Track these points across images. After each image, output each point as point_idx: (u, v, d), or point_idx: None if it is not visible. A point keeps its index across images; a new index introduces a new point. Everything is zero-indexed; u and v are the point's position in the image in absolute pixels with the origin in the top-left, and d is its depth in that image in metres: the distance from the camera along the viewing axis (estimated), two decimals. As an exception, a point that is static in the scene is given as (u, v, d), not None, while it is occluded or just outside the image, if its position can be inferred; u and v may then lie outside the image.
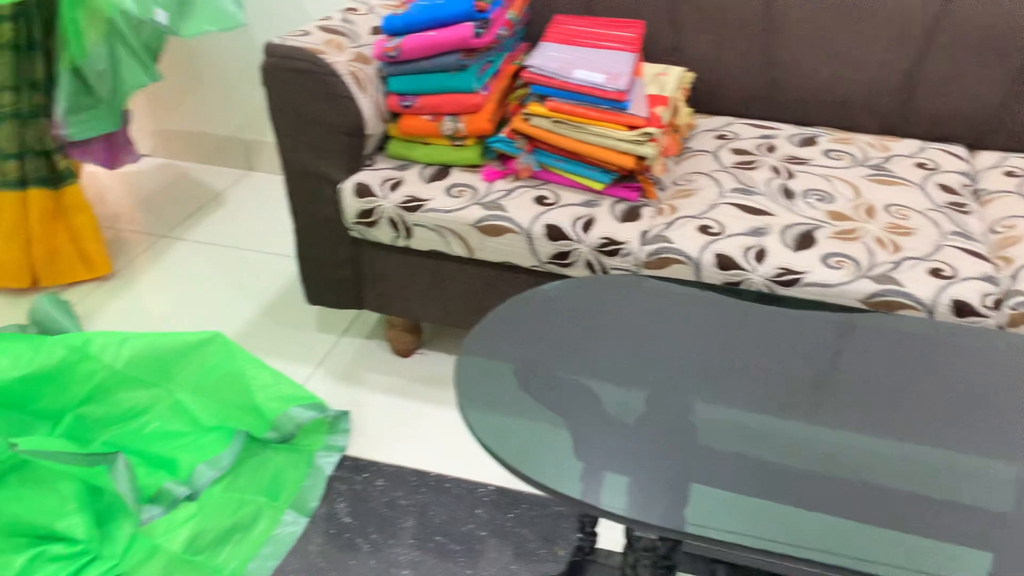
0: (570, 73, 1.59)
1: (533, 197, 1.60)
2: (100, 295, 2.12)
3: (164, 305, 2.09)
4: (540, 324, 1.25)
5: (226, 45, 2.51)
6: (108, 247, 2.30)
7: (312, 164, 1.67)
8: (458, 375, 1.12)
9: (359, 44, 1.70)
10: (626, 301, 1.28)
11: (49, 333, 1.89)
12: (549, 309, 1.28)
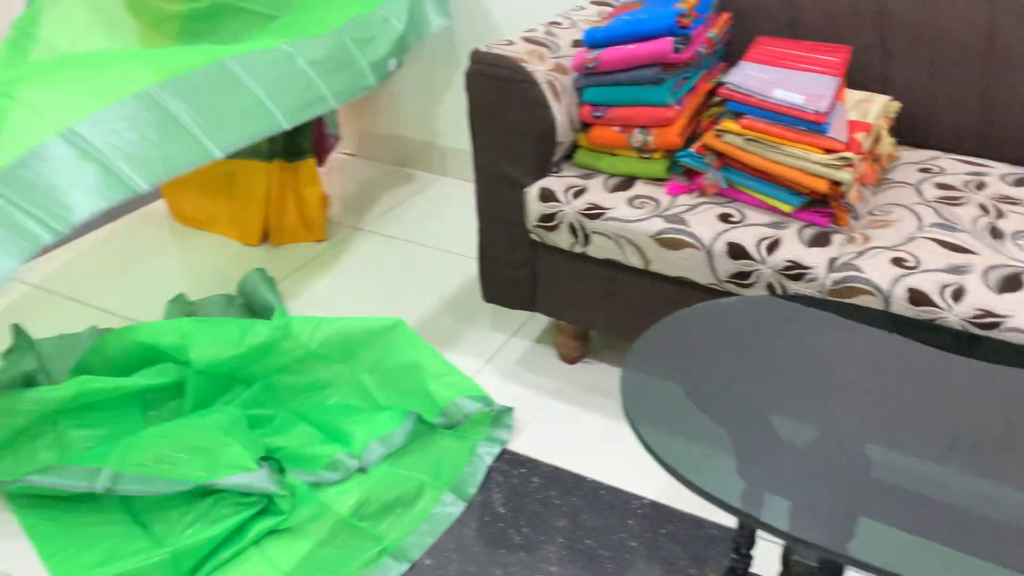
0: (768, 92, 1.57)
1: (717, 214, 1.59)
2: (299, 276, 2.28)
3: (354, 289, 2.23)
4: (710, 338, 1.24)
5: (430, 56, 2.65)
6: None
7: (502, 166, 1.73)
8: (624, 382, 1.13)
9: (559, 55, 1.75)
10: (805, 324, 1.25)
11: (253, 304, 2.06)
12: (721, 323, 1.26)
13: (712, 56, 1.86)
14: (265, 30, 2.19)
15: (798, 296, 1.39)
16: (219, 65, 1.78)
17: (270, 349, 1.78)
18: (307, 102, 1.93)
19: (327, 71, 1.99)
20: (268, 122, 1.83)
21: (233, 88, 1.79)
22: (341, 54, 2.03)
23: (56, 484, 1.53)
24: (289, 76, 1.90)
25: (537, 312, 1.86)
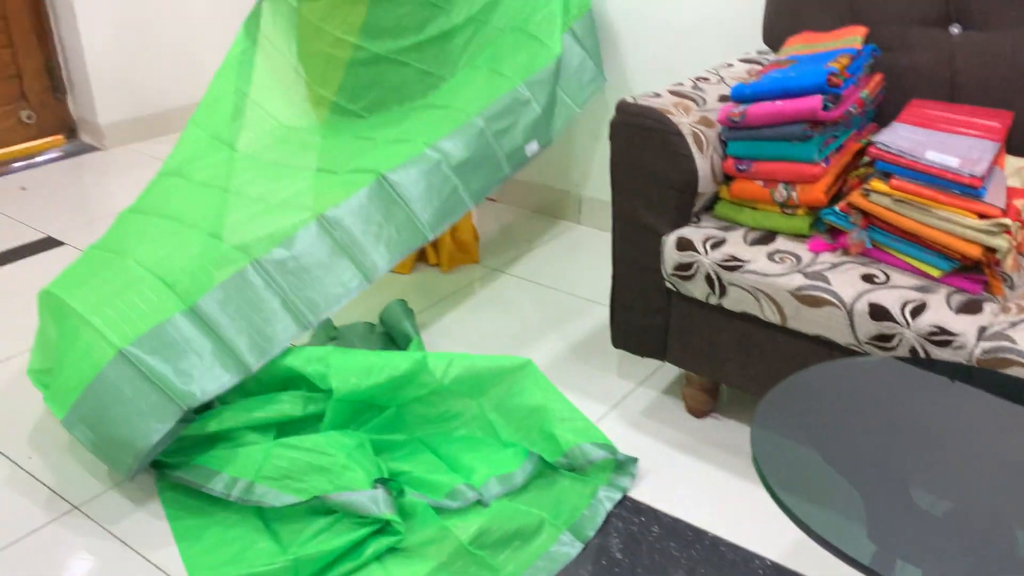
0: (921, 154, 1.53)
1: (860, 274, 1.56)
2: (436, 309, 2.37)
3: (486, 326, 2.29)
4: (843, 396, 1.21)
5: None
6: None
7: (641, 215, 1.76)
8: (755, 437, 1.12)
9: (705, 109, 1.78)
10: (948, 389, 1.20)
11: (393, 333, 2.16)
12: (853, 382, 1.24)
13: (863, 116, 1.83)
14: (416, 99, 2.33)
15: (940, 361, 1.34)
16: (378, 183, 1.98)
17: (407, 381, 1.85)
18: (449, 208, 2.08)
19: (468, 172, 2.12)
20: (417, 237, 2.01)
21: (389, 205, 1.98)
22: (482, 150, 2.15)
23: (198, 486, 1.64)
24: (436, 185, 2.06)
25: (667, 362, 1.86)
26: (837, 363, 1.27)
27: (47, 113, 3.52)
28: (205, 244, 1.87)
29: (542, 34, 2.28)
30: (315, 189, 2.02)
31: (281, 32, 2.44)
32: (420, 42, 2.31)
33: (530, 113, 2.23)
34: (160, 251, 1.86)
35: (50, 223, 2.88)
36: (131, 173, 3.32)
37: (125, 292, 1.75)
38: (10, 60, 3.36)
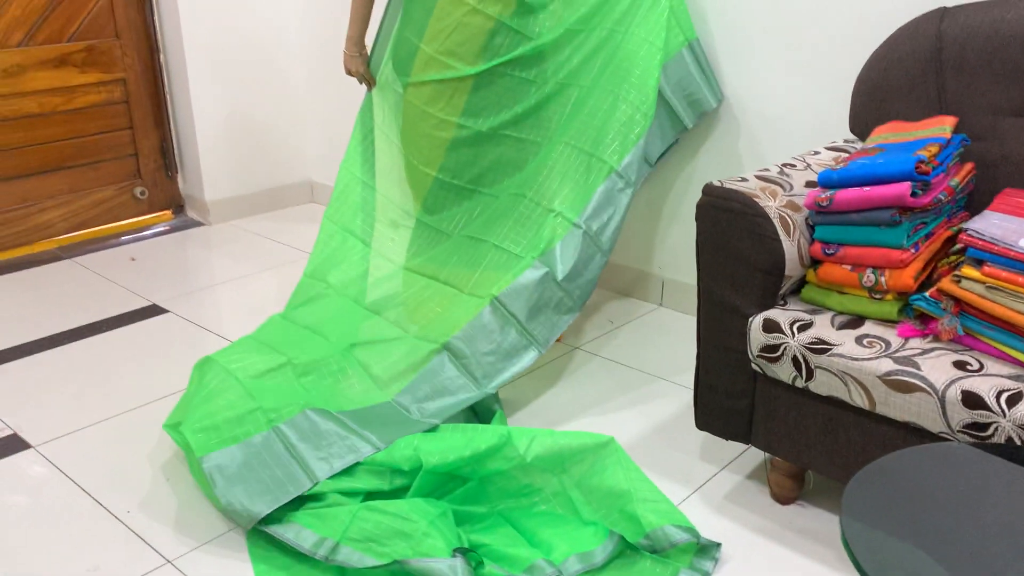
0: (1015, 241, 1.53)
1: (952, 361, 1.54)
2: (518, 384, 2.40)
3: (567, 403, 2.31)
4: (933, 482, 1.19)
5: (655, 191, 2.78)
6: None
7: (727, 296, 1.78)
8: (846, 526, 1.11)
9: (791, 193, 1.81)
10: (1051, 478, 1.17)
11: (477, 407, 2.20)
12: (945, 467, 1.22)
13: (953, 205, 1.83)
14: (516, 170, 2.44)
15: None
16: (492, 306, 2.20)
17: (491, 455, 1.88)
18: (555, 321, 2.26)
19: (573, 279, 2.26)
20: (526, 357, 2.20)
21: (504, 324, 2.20)
22: (585, 255, 2.27)
23: (289, 541, 1.69)
24: (544, 298, 2.23)
25: (752, 445, 1.85)
26: (926, 447, 1.25)
27: (158, 190, 3.77)
28: (345, 367, 2.19)
29: (636, 98, 2.31)
30: (441, 316, 2.28)
31: (389, 119, 2.60)
32: (517, 115, 2.43)
33: (625, 198, 2.30)
34: (306, 355, 2.21)
35: (155, 292, 3.06)
36: (231, 247, 3.50)
37: (276, 379, 2.10)
38: (129, 141, 3.62)
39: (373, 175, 2.65)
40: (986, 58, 1.89)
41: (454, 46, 2.37)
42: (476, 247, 2.40)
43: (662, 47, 2.33)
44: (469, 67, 2.38)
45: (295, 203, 4.04)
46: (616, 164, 2.28)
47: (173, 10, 3.46)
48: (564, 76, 2.43)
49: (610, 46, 2.38)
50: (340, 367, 2.19)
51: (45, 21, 3.29)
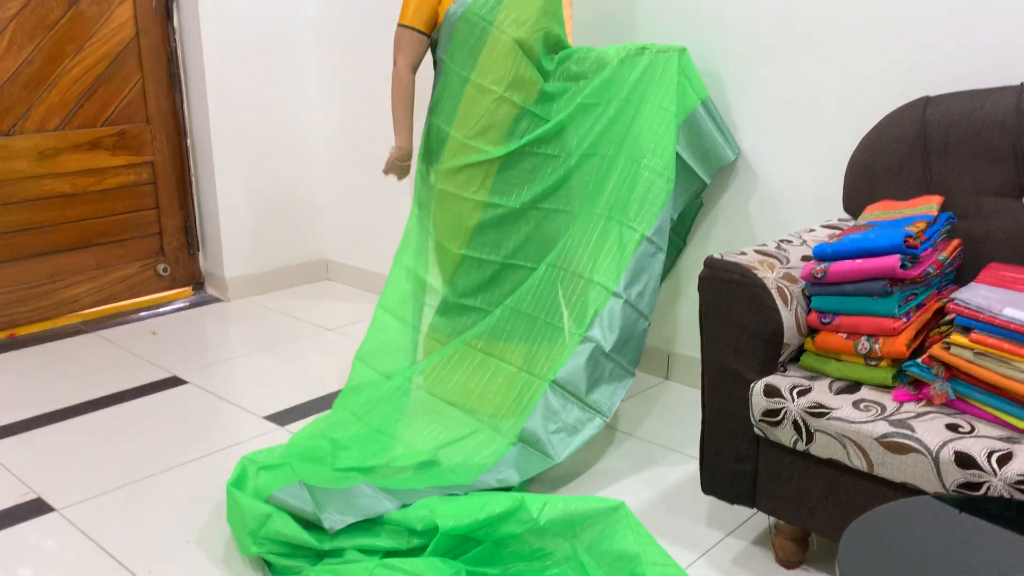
0: (999, 310, 1.62)
1: (945, 423, 1.61)
2: (527, 456, 2.47)
3: (578, 471, 2.37)
4: (925, 536, 1.25)
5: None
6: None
7: (729, 362, 1.87)
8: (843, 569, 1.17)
9: (788, 266, 1.91)
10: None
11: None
12: (934, 521, 1.28)
13: (942, 278, 1.94)
14: (552, 240, 2.57)
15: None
16: (548, 393, 2.32)
17: (505, 518, 1.94)
18: (613, 389, 2.37)
19: (620, 347, 2.37)
20: (592, 427, 2.33)
21: (566, 403, 2.33)
22: (628, 323, 2.36)
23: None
24: (598, 370, 2.35)
25: (756, 508, 1.90)
26: (911, 500, 1.32)
27: (180, 267, 3.90)
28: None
29: (656, 164, 2.43)
30: (507, 403, 2.44)
31: (427, 208, 2.74)
32: (546, 188, 2.58)
33: (658, 263, 2.41)
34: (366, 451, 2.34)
35: (176, 364, 3.15)
36: (249, 322, 3.61)
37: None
38: (155, 220, 3.78)
39: (425, 271, 2.79)
40: (968, 142, 2.02)
41: (483, 131, 2.54)
42: (525, 321, 2.51)
43: (675, 112, 2.46)
44: (497, 149, 2.54)
45: (312, 280, 4.16)
46: (647, 231, 2.39)
47: (202, 97, 3.66)
48: (587, 148, 2.56)
49: (626, 115, 2.51)
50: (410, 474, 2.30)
51: (81, 107, 3.49)
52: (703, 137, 2.56)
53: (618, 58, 2.53)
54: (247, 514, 1.93)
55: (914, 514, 1.31)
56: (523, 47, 2.51)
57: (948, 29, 2.19)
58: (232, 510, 2.00)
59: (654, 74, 2.50)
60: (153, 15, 3.61)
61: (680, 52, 2.49)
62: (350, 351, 3.28)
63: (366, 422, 2.46)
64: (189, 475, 2.37)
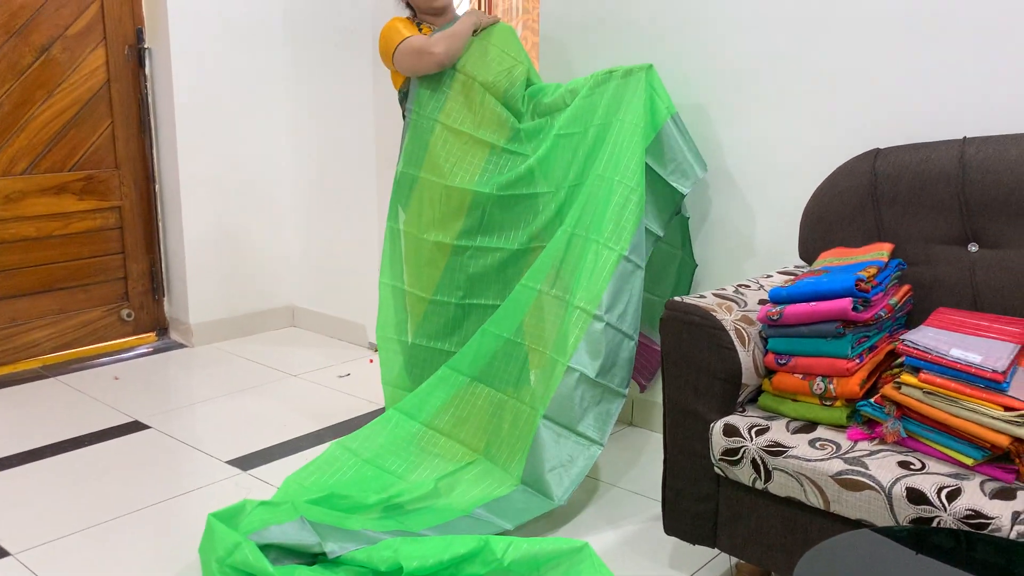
0: (946, 351, 1.68)
1: (897, 461, 1.66)
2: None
3: (542, 514, 2.38)
4: (873, 568, 1.29)
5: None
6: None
7: (690, 403, 1.91)
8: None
9: (745, 309, 1.97)
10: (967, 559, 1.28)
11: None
12: (881, 553, 1.32)
13: (893, 322, 2.00)
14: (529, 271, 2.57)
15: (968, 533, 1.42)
16: (540, 430, 2.33)
17: (469, 560, 1.94)
18: (605, 412, 2.39)
19: (607, 371, 2.38)
20: (587, 456, 2.37)
21: (560, 439, 2.35)
22: (612, 345, 2.38)
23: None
24: (584, 404, 2.36)
25: (717, 548, 1.93)
26: (863, 532, 1.36)
27: (144, 313, 3.88)
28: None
29: (629, 180, 2.43)
30: (504, 442, 2.48)
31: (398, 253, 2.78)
32: (539, 226, 2.61)
33: (638, 280, 2.42)
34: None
35: (138, 409, 3.12)
36: (213, 368, 3.59)
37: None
38: (120, 264, 3.77)
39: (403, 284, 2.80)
40: (916, 193, 2.11)
41: (456, 172, 2.59)
42: (508, 346, 2.51)
43: (645, 128, 2.49)
44: (478, 186, 2.59)
45: (277, 327, 4.16)
46: (624, 250, 2.38)
47: (171, 143, 3.69)
48: (572, 179, 2.58)
49: (603, 138, 2.54)
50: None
51: (49, 152, 3.50)
52: (675, 151, 2.56)
53: (587, 86, 2.59)
54: (218, 540, 1.92)
55: (864, 545, 1.35)
56: (490, 89, 2.58)
57: (898, 86, 2.31)
58: (206, 538, 1.99)
59: (624, 94, 2.53)
60: (125, 62, 3.65)
61: (647, 69, 2.53)
62: (314, 397, 3.28)
63: (369, 460, 2.46)
64: (149, 519, 2.34)
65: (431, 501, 2.30)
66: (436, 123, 2.60)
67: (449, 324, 2.70)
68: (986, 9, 2.14)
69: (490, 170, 2.61)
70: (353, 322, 3.89)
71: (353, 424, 3.00)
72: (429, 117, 2.61)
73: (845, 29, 2.38)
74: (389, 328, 2.77)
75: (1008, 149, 2.01)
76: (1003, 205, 1.99)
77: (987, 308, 2.00)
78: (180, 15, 3.59)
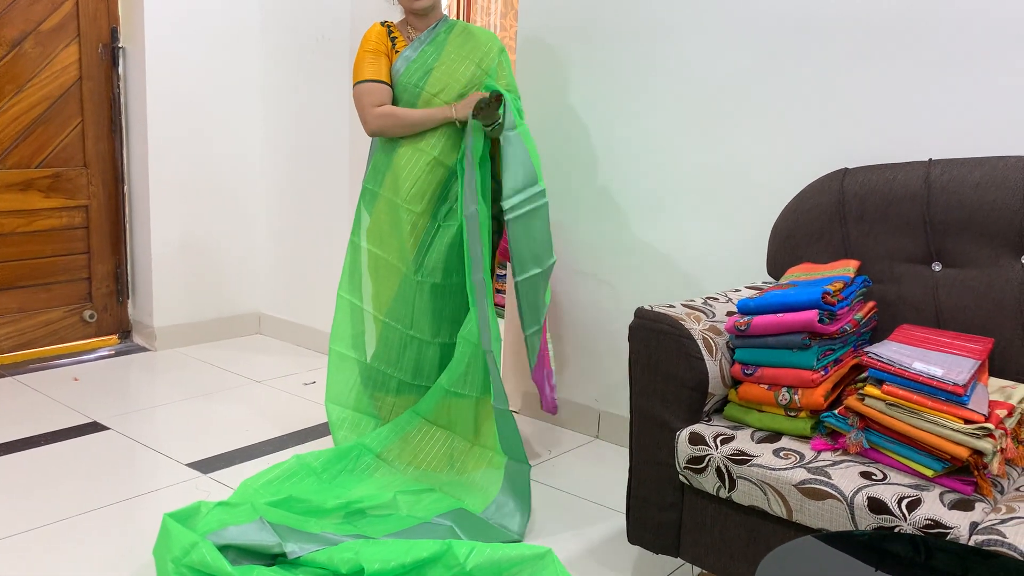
0: (909, 364, 1.71)
1: (859, 471, 1.68)
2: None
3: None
4: (831, 571, 1.30)
5: (593, 330, 2.96)
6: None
7: (657, 411, 1.92)
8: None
9: (714, 320, 1.99)
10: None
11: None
12: (840, 557, 1.33)
13: (858, 336, 2.03)
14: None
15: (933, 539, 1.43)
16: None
17: (431, 563, 1.92)
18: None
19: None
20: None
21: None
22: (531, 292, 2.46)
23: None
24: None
25: (680, 557, 1.93)
26: (816, 537, 1.37)
27: (107, 315, 3.82)
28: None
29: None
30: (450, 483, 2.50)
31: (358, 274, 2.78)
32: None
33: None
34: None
35: (97, 411, 3.06)
36: (176, 372, 3.54)
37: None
38: (84, 265, 3.71)
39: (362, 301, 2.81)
40: (881, 211, 2.15)
41: (417, 193, 2.61)
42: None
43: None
44: (428, 209, 2.64)
45: (243, 334, 4.11)
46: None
47: (142, 144, 3.65)
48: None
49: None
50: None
51: (16, 147, 3.44)
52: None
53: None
54: (174, 540, 1.88)
55: (821, 550, 1.36)
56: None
57: (867, 109, 2.35)
58: (161, 539, 1.95)
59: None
60: (99, 60, 3.62)
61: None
62: (278, 403, 3.24)
63: (323, 479, 2.45)
64: (106, 520, 2.29)
65: (391, 511, 2.28)
66: (400, 144, 2.61)
67: (396, 349, 2.70)
68: (954, 37, 2.20)
69: (449, 199, 2.63)
70: (320, 330, 3.86)
71: (316, 431, 2.97)
72: (394, 139, 2.63)
73: (818, 53, 2.43)
74: (343, 342, 2.76)
75: (971, 172, 2.05)
76: (965, 226, 2.04)
77: (949, 326, 2.04)
78: (157, 15, 3.56)
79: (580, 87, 2.93)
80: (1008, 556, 1.41)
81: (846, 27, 2.37)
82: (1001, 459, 1.65)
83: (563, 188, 3.00)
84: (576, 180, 2.98)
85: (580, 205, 2.98)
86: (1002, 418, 1.66)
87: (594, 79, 2.89)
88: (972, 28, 2.17)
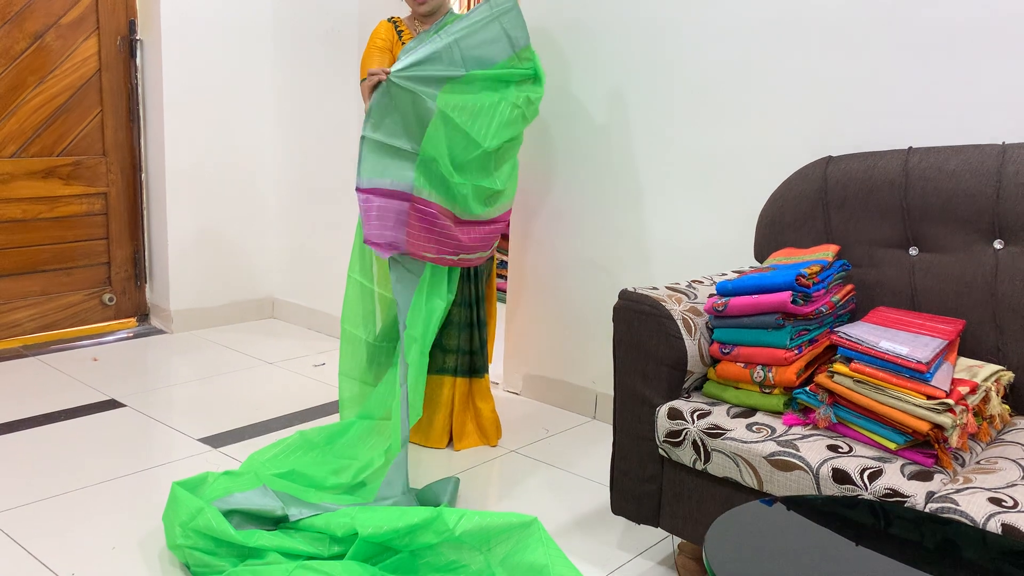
0: (876, 343, 1.79)
1: (827, 444, 1.76)
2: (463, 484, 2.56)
3: (500, 496, 2.47)
4: (780, 531, 1.39)
5: (593, 311, 3.05)
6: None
7: (639, 387, 2.01)
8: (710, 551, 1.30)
9: (695, 301, 2.08)
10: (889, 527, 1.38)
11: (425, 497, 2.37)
12: (788, 519, 1.42)
13: (835, 318, 2.11)
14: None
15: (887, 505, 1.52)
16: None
17: (422, 528, 2.03)
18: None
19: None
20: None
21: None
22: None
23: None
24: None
25: (659, 527, 2.02)
26: (755, 504, 1.46)
27: (126, 298, 3.96)
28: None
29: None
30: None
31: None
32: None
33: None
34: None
35: (114, 389, 3.20)
36: (192, 353, 3.67)
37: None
38: (104, 250, 3.85)
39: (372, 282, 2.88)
40: (862, 199, 2.22)
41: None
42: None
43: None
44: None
45: (257, 317, 4.24)
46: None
47: (159, 133, 3.78)
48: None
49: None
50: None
51: (39, 136, 3.58)
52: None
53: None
54: (181, 506, 2.00)
55: (769, 513, 1.45)
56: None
57: (852, 98, 2.42)
58: (170, 505, 2.07)
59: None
60: (117, 52, 3.75)
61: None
62: (288, 383, 3.36)
63: (325, 451, 2.55)
64: (120, 489, 2.42)
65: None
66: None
67: (396, 326, 2.79)
68: (935, 28, 2.27)
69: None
70: (331, 315, 3.97)
71: (324, 409, 3.08)
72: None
73: (804, 45, 2.50)
74: (353, 322, 2.84)
75: (948, 160, 2.12)
76: (941, 212, 2.11)
77: (924, 308, 2.11)
78: (173, 9, 3.68)
79: (575, 79, 3.01)
80: (960, 522, 1.50)
81: (831, 19, 2.44)
82: (962, 433, 1.73)
83: (565, 176, 3.09)
84: (576, 168, 3.06)
85: (579, 193, 3.06)
86: (964, 395, 1.74)
87: (588, 71, 2.97)
88: (954, 17, 2.24)
